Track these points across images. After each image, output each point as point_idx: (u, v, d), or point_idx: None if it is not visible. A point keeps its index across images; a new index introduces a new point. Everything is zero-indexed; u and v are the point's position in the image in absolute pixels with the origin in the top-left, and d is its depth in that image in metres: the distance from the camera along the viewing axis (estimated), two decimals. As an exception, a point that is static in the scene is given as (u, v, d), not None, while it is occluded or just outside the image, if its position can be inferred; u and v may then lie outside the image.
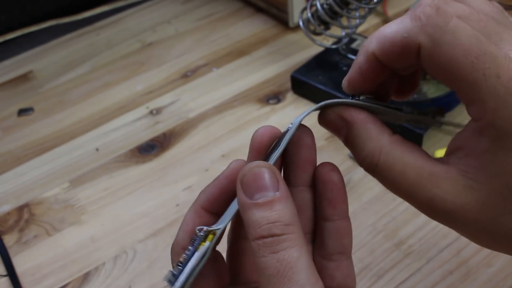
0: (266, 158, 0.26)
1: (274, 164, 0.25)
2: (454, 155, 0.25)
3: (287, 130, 0.26)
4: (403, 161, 0.25)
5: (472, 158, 0.23)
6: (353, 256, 0.44)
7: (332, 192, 0.28)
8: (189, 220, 0.27)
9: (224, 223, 0.25)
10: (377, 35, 0.25)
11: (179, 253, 0.27)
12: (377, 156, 0.25)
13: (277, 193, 0.23)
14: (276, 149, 0.25)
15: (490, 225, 0.24)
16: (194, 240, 0.25)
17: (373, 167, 0.25)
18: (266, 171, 0.24)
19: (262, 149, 0.27)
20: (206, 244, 0.25)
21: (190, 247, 0.25)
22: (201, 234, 0.25)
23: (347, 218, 0.29)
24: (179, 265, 0.25)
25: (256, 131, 0.27)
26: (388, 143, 0.25)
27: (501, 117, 0.22)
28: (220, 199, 0.27)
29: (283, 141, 0.25)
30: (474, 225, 0.24)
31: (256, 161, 0.25)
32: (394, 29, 0.24)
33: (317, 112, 0.27)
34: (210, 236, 0.25)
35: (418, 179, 0.24)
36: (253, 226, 0.23)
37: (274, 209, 0.23)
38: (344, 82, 0.27)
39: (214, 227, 0.25)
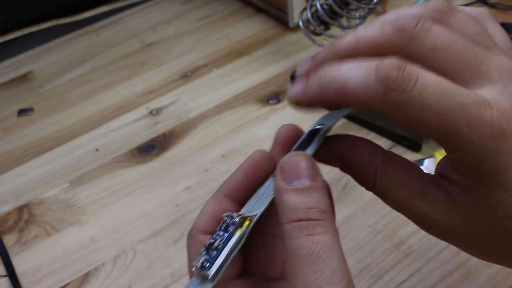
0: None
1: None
2: (443, 178, 0.25)
3: (314, 129, 0.27)
4: (396, 180, 0.26)
5: (458, 187, 0.24)
6: (353, 256, 0.44)
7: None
8: (209, 206, 0.28)
9: (260, 210, 0.25)
10: (338, 82, 0.23)
11: (198, 238, 0.27)
12: (372, 179, 0.26)
13: (315, 182, 0.24)
14: (309, 146, 0.27)
15: (481, 244, 0.25)
16: (227, 226, 0.25)
17: (371, 187, 0.27)
18: (307, 161, 0.25)
19: (286, 144, 0.28)
20: (243, 229, 0.25)
21: (221, 232, 0.25)
22: (237, 219, 0.25)
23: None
24: (212, 250, 0.24)
25: (281, 127, 0.29)
26: (381, 164, 0.26)
27: (477, 160, 0.22)
28: (243, 186, 0.28)
29: (316, 139, 0.27)
30: (466, 242, 0.25)
31: (296, 151, 0.26)
32: (357, 85, 0.23)
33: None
34: (247, 222, 0.25)
35: (411, 198, 0.25)
36: (289, 209, 0.24)
37: (312, 196, 0.24)
38: (293, 97, 0.26)
39: (250, 214, 0.25)
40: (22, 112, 0.64)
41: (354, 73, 0.23)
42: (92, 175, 0.55)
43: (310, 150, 0.26)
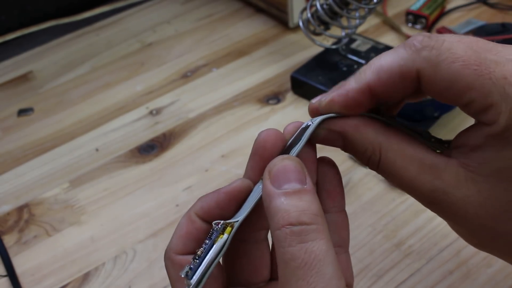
0: (286, 152, 0.26)
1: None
2: (456, 149, 0.25)
3: (307, 126, 0.26)
4: (403, 155, 0.25)
5: (476, 154, 0.23)
6: (353, 256, 0.44)
7: (331, 183, 0.28)
8: (183, 227, 0.27)
9: (242, 216, 0.25)
10: (372, 66, 0.25)
11: (175, 259, 0.27)
12: (377, 154, 0.26)
13: (305, 185, 0.24)
14: (296, 146, 0.26)
15: (490, 221, 0.24)
16: (211, 234, 0.25)
17: (376, 165, 0.26)
18: (295, 164, 0.24)
19: (265, 153, 0.27)
20: (224, 236, 0.25)
21: (207, 241, 0.25)
22: (219, 227, 0.25)
23: (344, 211, 0.29)
24: (196, 259, 0.25)
25: (258, 135, 0.27)
26: (385, 139, 0.26)
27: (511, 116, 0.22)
28: (214, 212, 0.27)
29: (303, 138, 0.26)
30: (475, 219, 0.24)
31: (285, 155, 0.25)
32: (389, 59, 0.24)
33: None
34: (228, 229, 0.25)
35: (419, 172, 0.25)
36: (281, 213, 0.23)
37: (303, 199, 0.23)
38: (324, 100, 0.26)
39: (231, 220, 0.25)
40: (22, 112, 0.64)
41: (385, 54, 0.24)
42: (92, 175, 0.55)
43: (297, 149, 0.26)
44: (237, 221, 0.25)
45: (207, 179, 0.53)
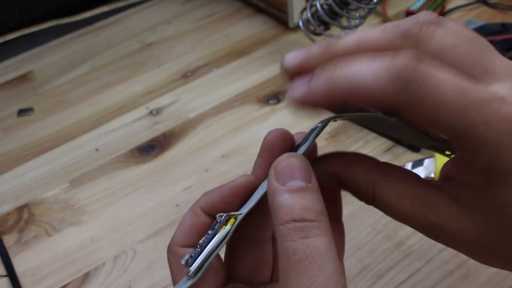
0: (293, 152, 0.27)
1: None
2: (446, 182, 0.25)
3: (315, 128, 0.26)
4: (396, 192, 0.25)
5: (465, 189, 0.24)
6: (353, 256, 0.44)
7: (330, 193, 0.28)
8: (187, 220, 0.28)
9: (246, 209, 0.25)
10: (349, 80, 0.23)
11: (178, 252, 0.27)
12: (371, 193, 0.26)
13: (310, 184, 0.24)
14: (303, 145, 0.26)
15: (489, 248, 0.24)
16: (214, 225, 0.25)
17: (371, 202, 0.26)
18: (301, 162, 0.24)
19: (273, 152, 0.27)
20: (227, 227, 0.25)
21: (209, 231, 0.25)
22: (222, 218, 0.25)
23: (341, 222, 0.29)
24: (197, 247, 0.25)
25: (268, 133, 0.27)
26: (378, 177, 0.26)
27: (492, 158, 0.22)
28: (219, 206, 0.27)
29: (310, 138, 0.26)
30: (474, 246, 0.24)
31: (291, 152, 0.25)
32: (370, 81, 0.22)
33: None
34: (232, 220, 0.25)
35: (414, 208, 0.25)
36: (284, 210, 0.23)
37: (307, 197, 0.23)
38: (294, 98, 0.25)
39: (235, 212, 0.25)
40: (22, 112, 0.64)
41: (367, 70, 0.22)
42: (92, 175, 0.55)
43: (303, 148, 0.26)
44: (241, 213, 0.25)
45: (207, 179, 0.52)
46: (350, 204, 0.47)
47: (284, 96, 0.61)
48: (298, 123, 0.28)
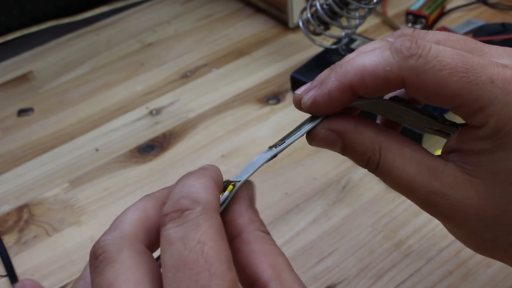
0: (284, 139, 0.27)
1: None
2: (452, 153, 0.25)
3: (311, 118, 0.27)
4: (402, 156, 0.25)
5: (471, 157, 0.24)
6: (353, 256, 0.44)
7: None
8: (149, 209, 0.27)
9: (245, 176, 0.25)
10: (354, 64, 0.24)
11: (135, 246, 0.24)
12: (377, 154, 0.25)
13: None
14: (293, 135, 0.27)
15: (491, 222, 0.24)
16: None
17: (376, 166, 0.26)
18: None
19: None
20: (225, 194, 0.25)
21: None
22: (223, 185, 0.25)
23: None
24: None
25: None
26: (385, 139, 0.25)
27: (503, 118, 0.22)
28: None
29: (299, 131, 0.26)
30: (475, 221, 0.24)
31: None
32: (374, 61, 0.24)
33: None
34: (230, 187, 0.25)
35: (418, 173, 0.24)
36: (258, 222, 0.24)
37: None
38: (307, 100, 0.26)
39: (234, 179, 0.25)
40: (22, 112, 0.64)
41: (370, 55, 0.24)
42: (92, 175, 0.55)
43: (291, 140, 0.26)
44: (239, 181, 0.25)
45: (207, 179, 0.52)
46: (350, 204, 0.48)
47: (284, 96, 0.61)
48: (298, 123, 0.28)
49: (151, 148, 0.57)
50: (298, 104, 0.27)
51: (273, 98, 0.61)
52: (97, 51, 0.72)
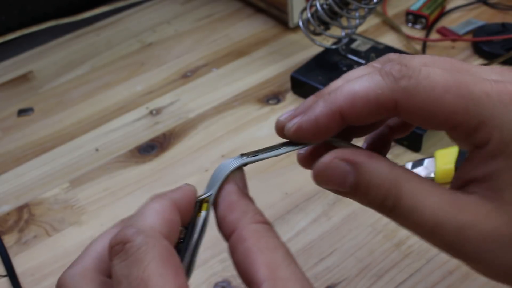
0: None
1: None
2: (469, 186, 0.23)
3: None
4: (422, 189, 0.23)
5: (489, 183, 0.22)
6: (353, 256, 0.44)
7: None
8: (166, 210, 0.25)
9: (214, 188, 0.25)
10: (345, 91, 0.23)
11: (159, 240, 0.23)
12: (395, 188, 0.23)
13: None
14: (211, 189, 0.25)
15: None
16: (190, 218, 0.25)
17: (393, 204, 0.23)
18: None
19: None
20: (202, 214, 0.25)
21: (183, 227, 0.25)
22: (196, 207, 0.25)
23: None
24: (180, 241, 0.24)
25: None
26: (402, 172, 0.23)
27: (508, 129, 0.21)
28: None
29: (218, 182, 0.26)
30: (508, 254, 0.22)
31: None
32: (364, 86, 0.23)
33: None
34: (205, 205, 0.25)
35: (442, 207, 0.22)
36: (252, 212, 0.24)
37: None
38: (292, 127, 0.25)
39: (205, 195, 0.25)
40: (22, 112, 0.64)
41: (360, 80, 0.23)
42: (92, 175, 0.55)
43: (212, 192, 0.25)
44: (211, 194, 0.25)
45: (207, 179, 0.52)
46: (350, 204, 0.48)
47: (284, 96, 0.61)
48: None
49: (151, 148, 0.57)
50: (281, 131, 0.26)
51: (273, 98, 0.61)
52: (97, 51, 0.72)
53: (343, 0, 0.54)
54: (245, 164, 0.25)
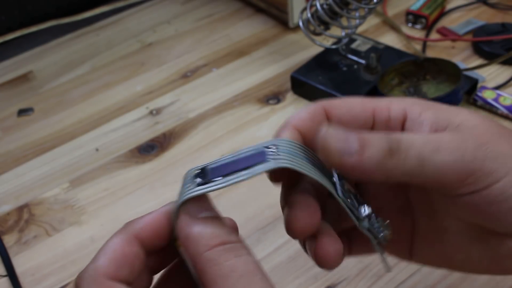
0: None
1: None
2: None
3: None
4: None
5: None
6: (353, 256, 0.44)
7: None
8: (118, 247, 0.26)
9: (180, 201, 0.25)
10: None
11: (104, 284, 0.24)
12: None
13: (214, 213, 0.25)
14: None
15: None
16: None
17: (398, 146, 0.25)
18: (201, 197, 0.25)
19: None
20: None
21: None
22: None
23: None
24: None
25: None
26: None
27: (488, 170, 0.24)
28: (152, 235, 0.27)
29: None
30: None
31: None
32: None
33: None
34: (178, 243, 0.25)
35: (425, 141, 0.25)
36: (208, 236, 0.23)
37: (220, 223, 0.24)
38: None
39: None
40: (22, 112, 0.64)
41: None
42: (92, 175, 0.55)
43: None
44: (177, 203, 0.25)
45: (207, 179, 0.52)
46: (350, 204, 0.47)
47: (284, 96, 0.61)
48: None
49: (151, 148, 0.57)
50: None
51: (273, 98, 0.61)
52: (97, 51, 0.72)
53: (343, 0, 0.54)
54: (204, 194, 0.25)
